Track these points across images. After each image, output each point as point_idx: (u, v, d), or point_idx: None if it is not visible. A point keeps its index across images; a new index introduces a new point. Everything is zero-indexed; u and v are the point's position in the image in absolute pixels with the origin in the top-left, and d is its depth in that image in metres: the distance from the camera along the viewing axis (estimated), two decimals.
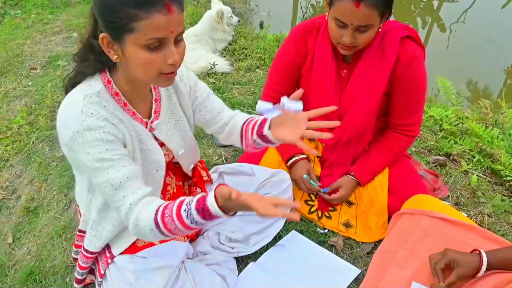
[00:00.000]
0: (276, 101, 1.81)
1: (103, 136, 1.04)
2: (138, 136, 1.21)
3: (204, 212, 1.03)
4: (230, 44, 3.38)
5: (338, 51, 1.53)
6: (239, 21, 3.44)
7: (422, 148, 2.25)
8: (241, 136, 1.40)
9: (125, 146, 1.13)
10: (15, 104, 3.12)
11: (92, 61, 1.10)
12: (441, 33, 5.98)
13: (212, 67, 2.90)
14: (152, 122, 1.27)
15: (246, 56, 3.22)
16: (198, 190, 1.65)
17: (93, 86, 1.10)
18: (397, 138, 1.70)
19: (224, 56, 3.25)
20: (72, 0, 5.19)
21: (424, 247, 1.37)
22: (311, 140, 1.87)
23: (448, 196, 1.91)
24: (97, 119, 1.04)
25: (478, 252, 1.24)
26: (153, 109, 1.28)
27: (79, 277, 1.51)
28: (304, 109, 1.76)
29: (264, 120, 1.34)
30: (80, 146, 1.03)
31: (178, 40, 1.04)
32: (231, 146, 2.26)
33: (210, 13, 3.25)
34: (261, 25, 5.28)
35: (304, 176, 1.71)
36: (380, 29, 1.45)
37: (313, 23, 1.63)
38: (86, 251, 1.39)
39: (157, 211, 1.06)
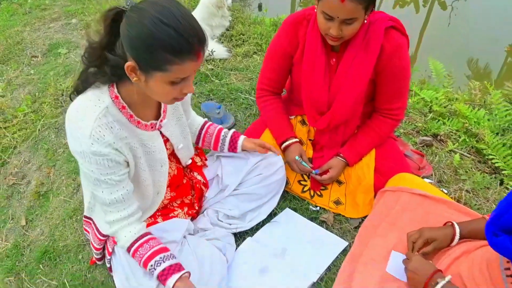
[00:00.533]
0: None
1: (105, 162, 1.23)
2: (142, 143, 1.38)
3: (161, 281, 1.36)
4: (227, 30, 3.46)
5: (327, 41, 1.66)
6: (232, 2, 3.53)
7: (410, 130, 2.39)
8: (199, 137, 1.83)
9: (127, 164, 1.33)
10: (18, 92, 3.24)
11: (108, 75, 1.21)
12: (442, 11, 6.04)
13: (210, 53, 3.02)
14: (161, 121, 1.44)
15: (243, 41, 3.32)
16: (195, 173, 1.82)
17: (101, 99, 1.23)
18: (383, 121, 1.85)
19: (222, 42, 3.34)
20: None
21: (403, 220, 1.54)
22: (303, 124, 2.02)
23: (432, 174, 2.07)
24: (102, 146, 1.20)
25: (451, 224, 1.41)
26: (162, 109, 1.44)
27: (97, 256, 1.70)
28: (297, 96, 1.93)
29: (236, 137, 1.81)
30: (87, 163, 1.23)
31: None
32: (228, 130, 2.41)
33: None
34: (260, 7, 5.35)
35: (296, 157, 1.87)
36: (365, 21, 1.58)
37: (303, 14, 1.76)
38: (100, 233, 1.56)
39: (133, 243, 1.40)
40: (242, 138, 1.81)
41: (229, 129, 2.37)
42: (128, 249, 1.41)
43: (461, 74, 4.11)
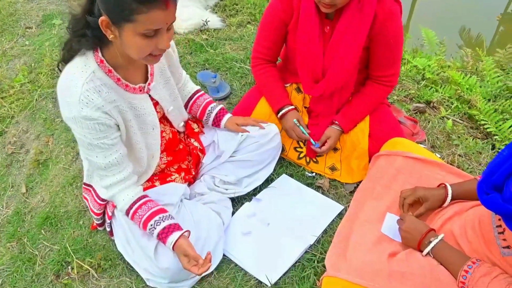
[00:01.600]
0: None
1: (96, 126, 1.23)
2: (132, 105, 1.36)
3: (161, 239, 1.37)
4: (220, 0, 3.40)
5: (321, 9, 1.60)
6: None
7: (404, 96, 2.35)
8: (187, 105, 1.79)
9: (118, 127, 1.32)
10: (14, 63, 3.16)
11: (90, 38, 1.19)
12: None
13: (205, 23, 2.94)
14: (149, 84, 1.41)
15: (237, 11, 3.23)
16: (192, 140, 1.79)
17: (87, 65, 1.21)
18: (377, 88, 1.81)
19: (216, 12, 3.25)
20: None
21: (398, 182, 1.52)
22: (299, 92, 1.98)
23: (425, 140, 2.04)
24: (91, 109, 1.20)
25: (444, 185, 1.40)
26: (149, 72, 1.41)
27: (97, 222, 1.69)
28: (292, 63, 1.88)
29: (221, 114, 1.80)
30: (79, 128, 1.23)
31: (169, 28, 1.15)
32: (225, 99, 2.36)
33: None
34: None
35: (294, 120, 1.83)
36: None
37: None
38: (99, 198, 1.54)
39: (134, 203, 1.40)
40: (226, 117, 1.79)
41: (225, 98, 2.36)
42: (127, 212, 1.41)
43: (453, 44, 4.05)
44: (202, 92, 1.84)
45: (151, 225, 1.37)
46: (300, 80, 1.86)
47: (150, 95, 1.44)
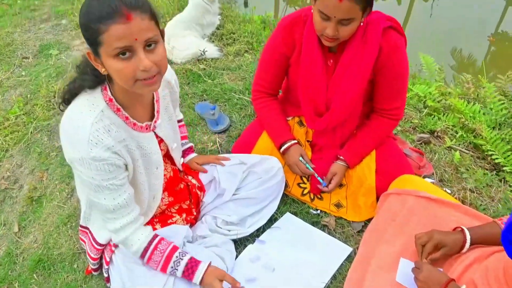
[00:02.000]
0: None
1: (106, 167, 1.15)
2: (139, 145, 1.29)
3: (187, 276, 1.33)
4: (217, 28, 3.33)
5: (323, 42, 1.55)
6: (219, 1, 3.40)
7: (407, 127, 2.28)
8: None
9: (126, 167, 1.24)
10: (10, 94, 3.08)
11: (90, 75, 1.15)
12: (424, 2, 5.95)
13: (202, 53, 2.88)
14: (155, 121, 1.34)
15: (234, 40, 3.18)
16: (190, 177, 1.70)
17: (96, 104, 1.15)
18: (382, 122, 1.73)
19: (213, 42, 3.20)
20: None
21: (411, 225, 1.42)
22: (301, 125, 1.89)
23: (433, 173, 1.95)
24: (101, 150, 1.12)
25: (461, 229, 1.29)
26: (155, 110, 1.34)
27: (93, 267, 1.58)
28: (294, 96, 1.81)
29: (186, 153, 1.76)
30: (87, 170, 1.14)
31: (150, 46, 1.03)
32: (225, 132, 2.27)
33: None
34: (246, 4, 5.19)
35: (300, 159, 1.74)
36: (362, 23, 1.48)
37: (299, 15, 1.64)
38: (97, 243, 1.44)
39: (150, 242, 1.33)
40: (189, 157, 1.78)
41: (225, 130, 2.27)
42: (143, 255, 1.33)
43: (446, 65, 4.02)
44: (183, 123, 1.77)
45: (172, 267, 1.33)
46: (303, 114, 1.79)
47: (155, 133, 1.37)
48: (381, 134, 1.75)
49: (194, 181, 1.70)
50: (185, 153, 1.77)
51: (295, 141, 1.79)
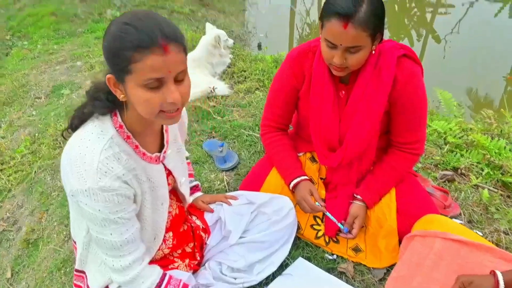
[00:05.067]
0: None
1: (115, 198, 1.05)
2: (148, 176, 1.19)
3: None
4: (228, 67, 3.30)
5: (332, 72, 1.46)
6: (234, 43, 3.40)
7: (428, 163, 2.10)
8: None
9: (135, 198, 1.14)
10: (19, 133, 3.04)
11: (103, 100, 1.09)
12: (436, 44, 5.92)
13: (212, 91, 2.80)
14: (165, 152, 1.26)
15: (245, 78, 3.11)
16: (194, 218, 1.56)
17: (105, 131, 1.08)
18: (401, 156, 1.58)
19: (224, 80, 3.15)
20: (76, 31, 5.14)
21: (440, 271, 1.23)
22: (313, 161, 1.74)
23: (460, 214, 1.76)
24: (111, 179, 1.03)
25: (493, 272, 1.11)
26: (165, 139, 1.26)
27: None
28: (305, 131, 1.67)
29: (192, 191, 1.60)
30: (93, 202, 1.03)
31: (179, 79, 1.00)
32: (233, 170, 2.13)
33: (206, 38, 3.21)
34: (259, 47, 5.22)
35: (317, 203, 1.57)
36: (373, 51, 1.39)
37: (308, 46, 1.56)
38: None
39: (163, 277, 1.21)
40: (195, 195, 1.63)
41: (233, 168, 2.12)
42: None
43: (463, 103, 3.88)
44: (189, 160, 1.65)
45: None
46: (315, 149, 1.65)
47: (163, 164, 1.27)
48: (400, 170, 1.59)
49: (198, 222, 1.54)
50: (190, 191, 1.63)
51: (306, 177, 1.64)
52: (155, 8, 5.32)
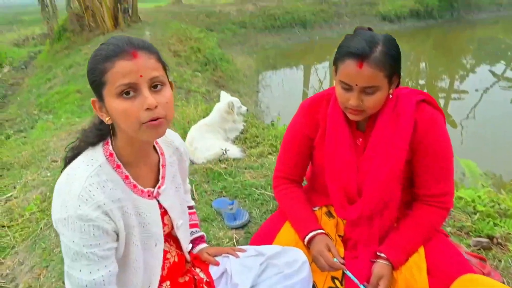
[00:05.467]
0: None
1: (91, 230, 0.99)
2: (137, 210, 1.12)
3: None
4: (241, 133, 3.34)
5: (352, 120, 1.40)
6: (247, 110, 3.46)
7: (458, 229, 1.92)
8: None
9: (117, 236, 1.06)
10: (31, 193, 3.03)
11: (92, 129, 1.10)
12: (453, 129, 5.90)
13: (224, 153, 2.76)
14: (159, 187, 1.19)
15: (257, 143, 3.12)
16: (197, 270, 1.41)
17: (95, 159, 1.06)
18: (428, 211, 1.43)
19: (236, 144, 3.15)
20: None
21: None
22: (330, 216, 1.60)
23: (504, 282, 1.54)
24: (90, 207, 0.98)
25: None
26: (161, 175, 1.21)
27: None
28: (321, 184, 1.56)
29: (197, 242, 1.50)
30: (70, 231, 0.98)
31: (156, 87, 1.00)
32: (243, 228, 1.99)
33: (220, 105, 3.28)
34: (273, 125, 5.33)
35: (335, 259, 1.41)
36: (391, 95, 1.35)
37: (322, 95, 1.54)
38: None
39: None
40: (199, 247, 1.50)
41: (243, 226, 1.98)
42: None
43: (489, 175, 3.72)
44: (194, 210, 1.57)
45: None
46: (332, 201, 1.52)
47: (158, 202, 1.19)
48: (428, 226, 1.43)
49: (202, 274, 1.38)
50: (195, 242, 1.50)
51: (323, 231, 1.48)
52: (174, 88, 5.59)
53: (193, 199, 2.30)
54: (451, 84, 8.89)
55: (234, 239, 1.92)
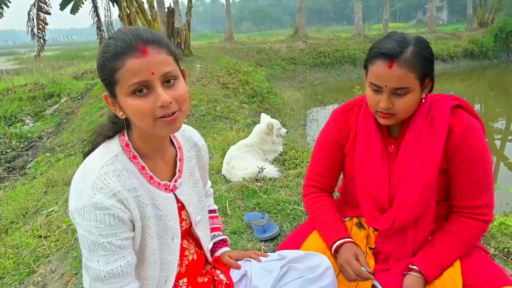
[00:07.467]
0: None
1: (106, 219, 0.98)
2: (154, 201, 1.12)
3: None
4: (280, 155, 3.33)
5: (384, 126, 1.39)
6: (287, 132, 3.44)
7: (500, 251, 1.76)
8: None
9: (133, 226, 1.06)
10: None
11: (107, 122, 1.11)
12: (509, 171, 5.58)
13: (260, 171, 2.75)
14: (176, 180, 1.18)
15: (296, 165, 3.08)
16: (218, 272, 1.39)
17: (111, 149, 1.06)
18: (465, 223, 1.35)
19: (274, 165, 3.11)
20: None
21: None
22: (360, 227, 1.54)
23: None
24: (105, 195, 0.97)
25: None
26: (177, 168, 1.20)
27: None
28: (352, 195, 1.52)
29: (219, 245, 1.46)
30: (85, 221, 0.97)
31: (168, 82, 0.99)
32: (272, 240, 1.95)
33: (260, 126, 3.32)
34: None
35: (363, 268, 1.34)
36: (424, 99, 1.31)
37: (354, 102, 1.53)
38: None
39: None
40: (221, 250, 1.46)
41: (273, 239, 1.94)
42: None
43: None
44: (216, 214, 1.56)
45: None
46: (362, 211, 1.47)
47: (175, 195, 1.18)
48: (466, 240, 1.33)
49: (222, 276, 1.36)
50: (217, 245, 1.49)
51: (351, 240, 1.42)
52: (220, 118, 5.70)
53: (226, 214, 2.28)
54: (508, 125, 8.48)
55: (262, 251, 1.89)
